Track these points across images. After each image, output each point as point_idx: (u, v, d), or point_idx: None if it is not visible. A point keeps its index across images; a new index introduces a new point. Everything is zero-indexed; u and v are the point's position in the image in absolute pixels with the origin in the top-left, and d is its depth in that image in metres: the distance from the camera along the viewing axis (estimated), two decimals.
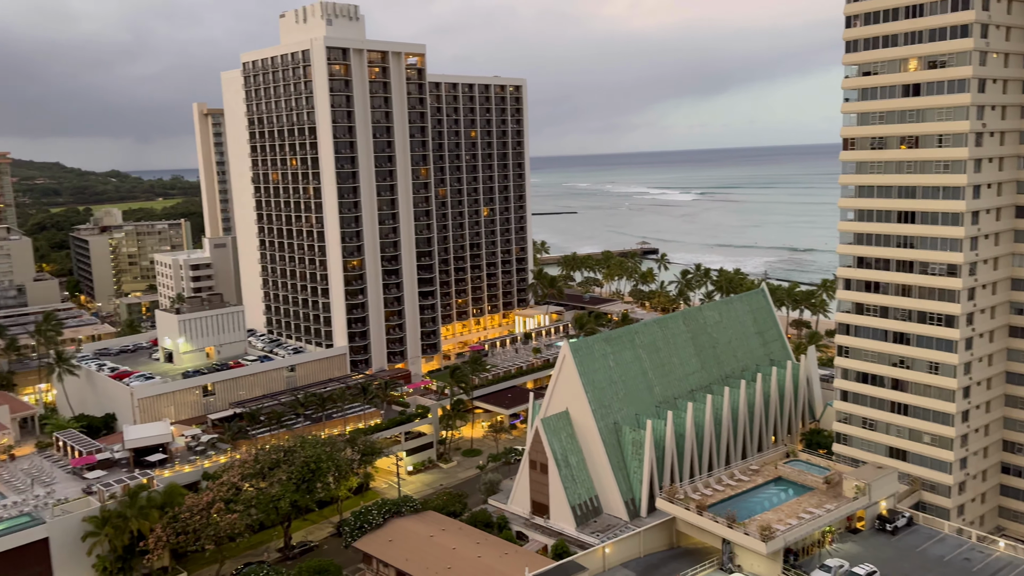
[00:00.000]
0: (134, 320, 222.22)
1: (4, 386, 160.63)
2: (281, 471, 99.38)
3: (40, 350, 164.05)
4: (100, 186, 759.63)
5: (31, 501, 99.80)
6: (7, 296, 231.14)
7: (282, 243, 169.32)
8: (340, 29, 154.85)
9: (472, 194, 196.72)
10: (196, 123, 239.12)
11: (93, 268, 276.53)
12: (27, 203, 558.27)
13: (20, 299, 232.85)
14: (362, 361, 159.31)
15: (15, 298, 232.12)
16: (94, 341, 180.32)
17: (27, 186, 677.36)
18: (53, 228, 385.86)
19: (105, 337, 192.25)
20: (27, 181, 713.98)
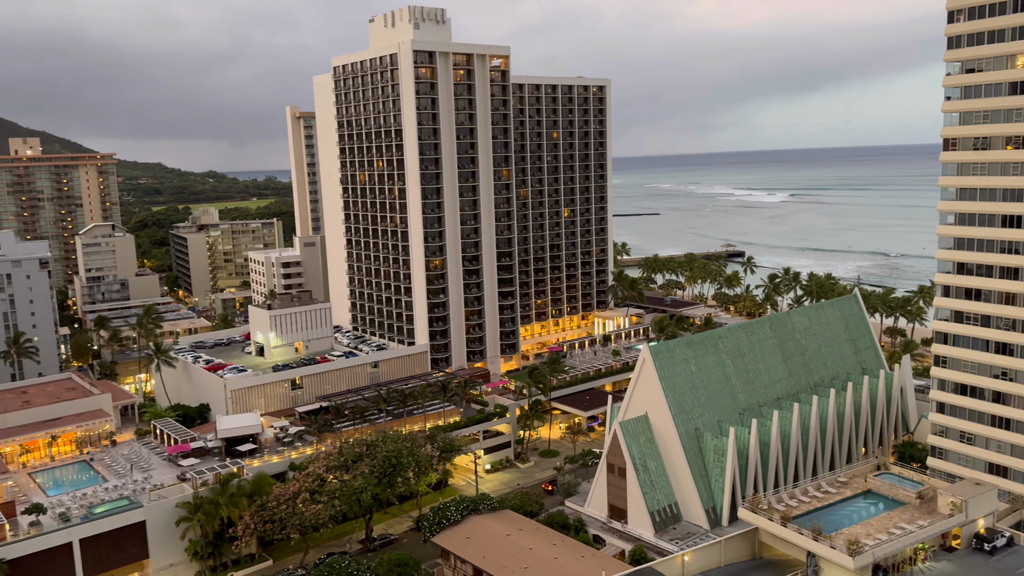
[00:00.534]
0: (228, 315, 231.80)
1: (107, 376, 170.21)
2: (364, 464, 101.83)
3: (141, 342, 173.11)
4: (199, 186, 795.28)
5: (130, 485, 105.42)
6: (111, 290, 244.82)
7: (368, 242, 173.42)
8: (427, 33, 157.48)
9: (553, 195, 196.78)
10: (289, 126, 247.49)
11: (191, 264, 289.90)
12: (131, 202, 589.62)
13: (123, 293, 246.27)
14: (442, 359, 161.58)
15: (118, 292, 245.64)
16: (191, 334, 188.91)
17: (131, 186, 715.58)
18: (154, 226, 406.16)
19: (201, 331, 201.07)
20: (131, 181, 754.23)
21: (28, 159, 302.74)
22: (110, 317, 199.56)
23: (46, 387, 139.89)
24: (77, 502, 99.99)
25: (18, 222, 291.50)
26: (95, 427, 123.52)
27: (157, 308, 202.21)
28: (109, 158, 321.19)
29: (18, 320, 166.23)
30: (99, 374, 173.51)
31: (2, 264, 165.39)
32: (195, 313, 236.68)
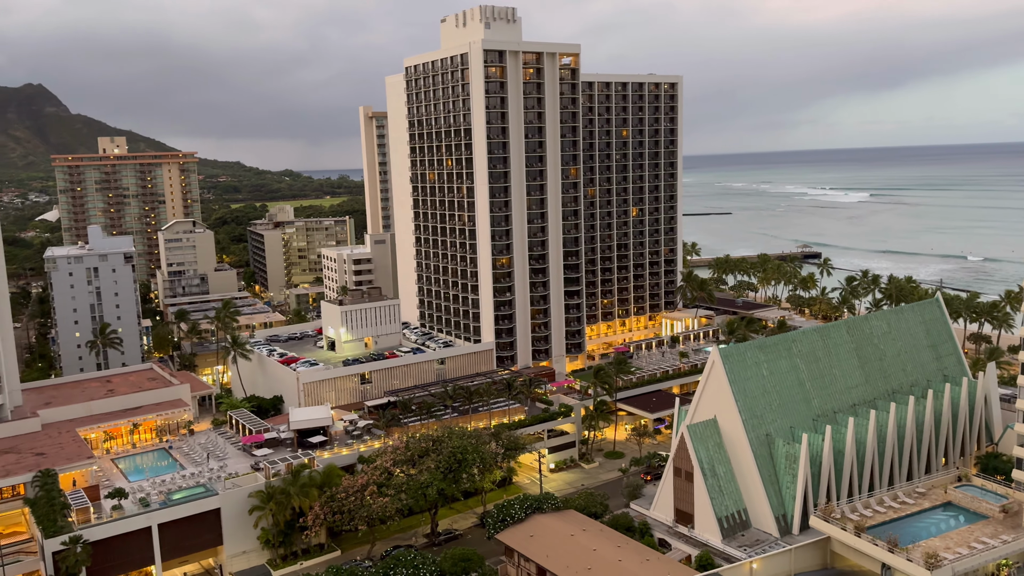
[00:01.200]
0: (302, 310, 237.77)
1: (187, 367, 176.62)
2: (430, 459, 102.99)
3: (218, 335, 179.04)
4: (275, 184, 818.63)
5: (206, 473, 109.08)
6: (191, 284, 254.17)
7: (436, 240, 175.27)
8: (498, 32, 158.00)
9: (621, 194, 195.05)
10: (362, 125, 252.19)
11: (267, 260, 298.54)
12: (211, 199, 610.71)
13: (203, 287, 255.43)
14: (508, 357, 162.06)
15: (198, 286, 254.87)
16: (266, 328, 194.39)
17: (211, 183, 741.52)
18: (233, 223, 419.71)
19: (276, 325, 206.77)
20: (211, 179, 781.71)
21: (115, 157, 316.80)
22: (190, 310, 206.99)
23: (129, 377, 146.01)
24: (156, 488, 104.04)
25: (105, 218, 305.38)
26: (174, 416, 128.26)
27: (234, 302, 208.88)
28: (191, 157, 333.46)
29: (104, 312, 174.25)
30: (179, 365, 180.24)
31: (89, 258, 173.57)
32: (270, 308, 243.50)
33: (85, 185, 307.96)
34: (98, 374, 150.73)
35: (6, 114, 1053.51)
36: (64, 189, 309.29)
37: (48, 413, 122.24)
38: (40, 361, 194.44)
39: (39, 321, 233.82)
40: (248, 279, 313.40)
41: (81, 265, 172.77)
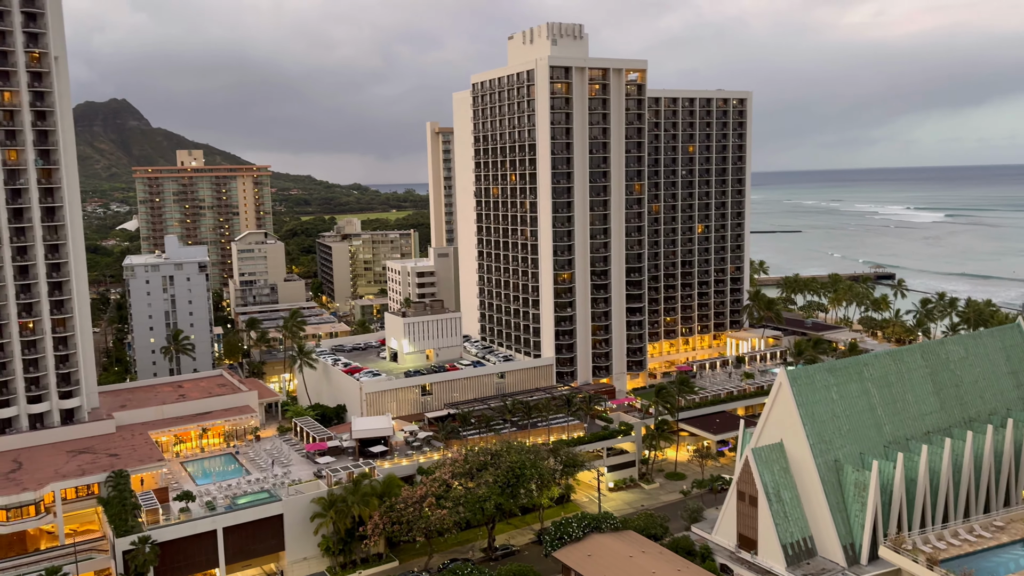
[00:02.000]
0: (366, 321, 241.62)
1: (255, 374, 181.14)
2: (488, 473, 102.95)
3: (286, 343, 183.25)
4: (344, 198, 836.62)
5: (270, 479, 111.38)
6: (262, 294, 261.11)
7: (498, 255, 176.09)
8: (564, 48, 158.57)
9: (687, 210, 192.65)
10: (428, 141, 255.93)
11: (334, 272, 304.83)
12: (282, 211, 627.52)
13: (272, 297, 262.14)
14: (568, 373, 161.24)
15: (268, 296, 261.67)
16: (331, 338, 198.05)
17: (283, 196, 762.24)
18: (302, 234, 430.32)
19: (341, 335, 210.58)
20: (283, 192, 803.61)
21: (192, 170, 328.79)
22: (260, 319, 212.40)
23: (200, 382, 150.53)
24: (223, 492, 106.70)
25: (181, 228, 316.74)
26: (242, 422, 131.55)
27: (302, 312, 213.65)
28: (264, 170, 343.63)
29: (178, 319, 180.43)
30: (247, 372, 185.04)
31: (166, 267, 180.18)
32: (336, 318, 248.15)
33: (163, 196, 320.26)
34: (170, 379, 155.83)
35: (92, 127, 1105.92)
36: (144, 200, 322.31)
37: (123, 416, 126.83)
38: (116, 365, 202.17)
39: (117, 326, 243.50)
40: (316, 290, 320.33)
41: (158, 273, 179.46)
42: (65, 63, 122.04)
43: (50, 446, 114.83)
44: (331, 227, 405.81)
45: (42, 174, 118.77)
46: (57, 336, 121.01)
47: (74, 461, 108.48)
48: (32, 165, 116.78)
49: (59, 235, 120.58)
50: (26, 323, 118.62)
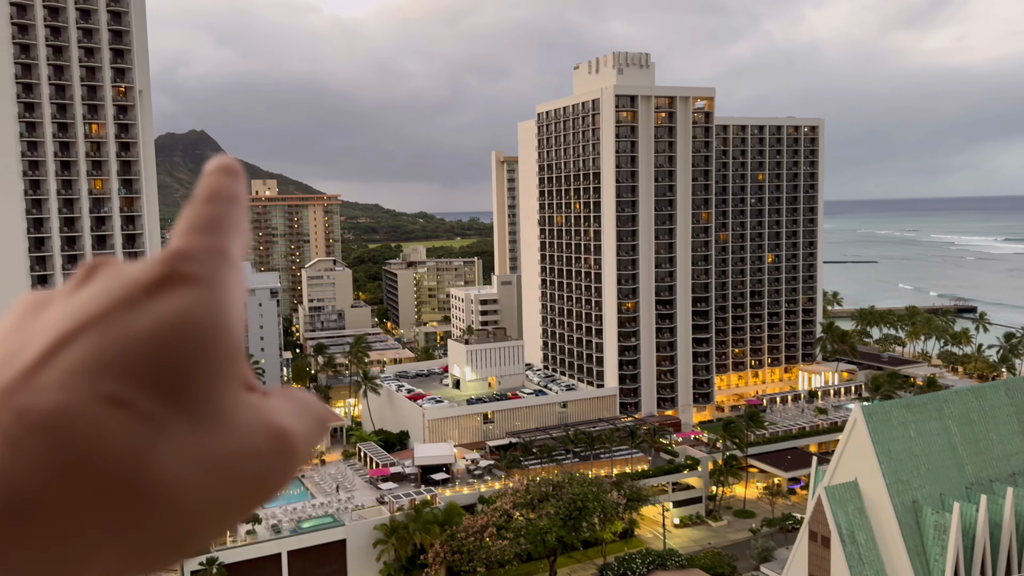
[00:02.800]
0: (429, 347, 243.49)
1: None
2: (549, 504, 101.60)
3: (352, 368, 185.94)
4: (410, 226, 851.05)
5: (334, 504, 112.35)
6: (330, 319, 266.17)
7: (562, 283, 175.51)
8: (630, 77, 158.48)
9: (756, 239, 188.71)
10: (493, 169, 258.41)
11: (399, 298, 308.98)
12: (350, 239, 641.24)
13: (339, 322, 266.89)
14: (631, 404, 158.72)
15: (336, 321, 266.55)
16: (395, 364, 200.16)
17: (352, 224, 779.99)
18: (369, 261, 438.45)
19: (405, 361, 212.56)
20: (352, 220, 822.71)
21: (266, 199, 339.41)
22: (327, 344, 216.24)
23: None
24: (288, 515, 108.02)
25: (255, 255, 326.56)
26: None
27: (367, 338, 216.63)
28: (334, 199, 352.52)
29: (249, 343, 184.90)
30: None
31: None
32: (400, 344, 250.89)
33: None
34: None
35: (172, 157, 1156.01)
36: None
37: None
38: None
39: None
40: (381, 316, 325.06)
41: None
42: (148, 96, 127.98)
43: None
44: (397, 255, 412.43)
45: (124, 203, 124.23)
46: None
47: None
48: (115, 194, 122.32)
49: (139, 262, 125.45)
50: None
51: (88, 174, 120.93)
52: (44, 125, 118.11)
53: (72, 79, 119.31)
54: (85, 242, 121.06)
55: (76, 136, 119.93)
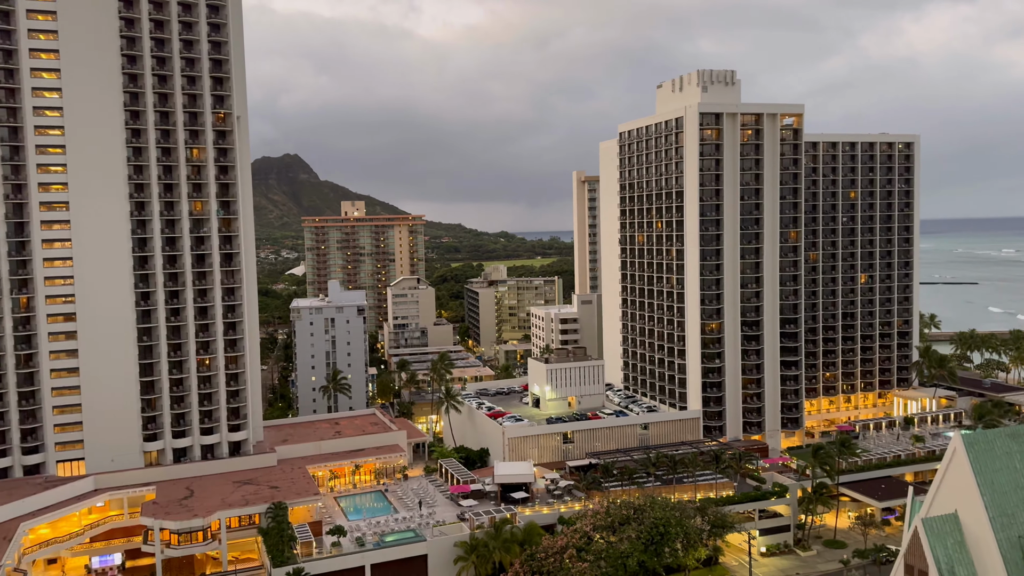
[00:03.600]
0: (509, 366, 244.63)
1: (404, 414, 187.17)
2: (631, 528, 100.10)
3: (434, 385, 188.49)
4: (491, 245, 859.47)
5: (416, 519, 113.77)
6: (413, 337, 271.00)
7: (643, 302, 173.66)
8: (715, 95, 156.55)
9: (848, 259, 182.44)
10: (575, 189, 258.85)
11: (480, 317, 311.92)
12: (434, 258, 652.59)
13: (422, 340, 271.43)
14: (716, 428, 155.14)
15: (419, 339, 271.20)
16: (476, 381, 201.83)
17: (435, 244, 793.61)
18: (452, 280, 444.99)
19: (485, 379, 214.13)
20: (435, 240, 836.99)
21: (355, 220, 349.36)
22: (410, 361, 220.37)
23: (354, 420, 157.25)
24: (372, 529, 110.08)
25: (343, 273, 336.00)
26: (391, 461, 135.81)
27: (449, 355, 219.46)
28: (419, 219, 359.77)
29: (337, 359, 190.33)
30: (397, 412, 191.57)
31: (328, 310, 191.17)
32: (481, 362, 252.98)
33: (328, 244, 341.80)
34: (328, 416, 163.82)
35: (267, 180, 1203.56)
36: (310, 247, 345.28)
37: (284, 450, 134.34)
38: (280, 401, 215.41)
39: (282, 365, 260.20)
40: (463, 334, 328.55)
41: (320, 316, 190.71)
42: (246, 122, 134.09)
43: (218, 476, 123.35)
44: (478, 273, 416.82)
45: (222, 223, 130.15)
46: (229, 373, 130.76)
47: (239, 491, 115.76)
48: (214, 215, 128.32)
49: (235, 279, 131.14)
50: (203, 360, 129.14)
51: (189, 196, 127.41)
52: (149, 150, 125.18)
53: (175, 106, 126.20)
54: (185, 261, 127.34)
55: (178, 160, 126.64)
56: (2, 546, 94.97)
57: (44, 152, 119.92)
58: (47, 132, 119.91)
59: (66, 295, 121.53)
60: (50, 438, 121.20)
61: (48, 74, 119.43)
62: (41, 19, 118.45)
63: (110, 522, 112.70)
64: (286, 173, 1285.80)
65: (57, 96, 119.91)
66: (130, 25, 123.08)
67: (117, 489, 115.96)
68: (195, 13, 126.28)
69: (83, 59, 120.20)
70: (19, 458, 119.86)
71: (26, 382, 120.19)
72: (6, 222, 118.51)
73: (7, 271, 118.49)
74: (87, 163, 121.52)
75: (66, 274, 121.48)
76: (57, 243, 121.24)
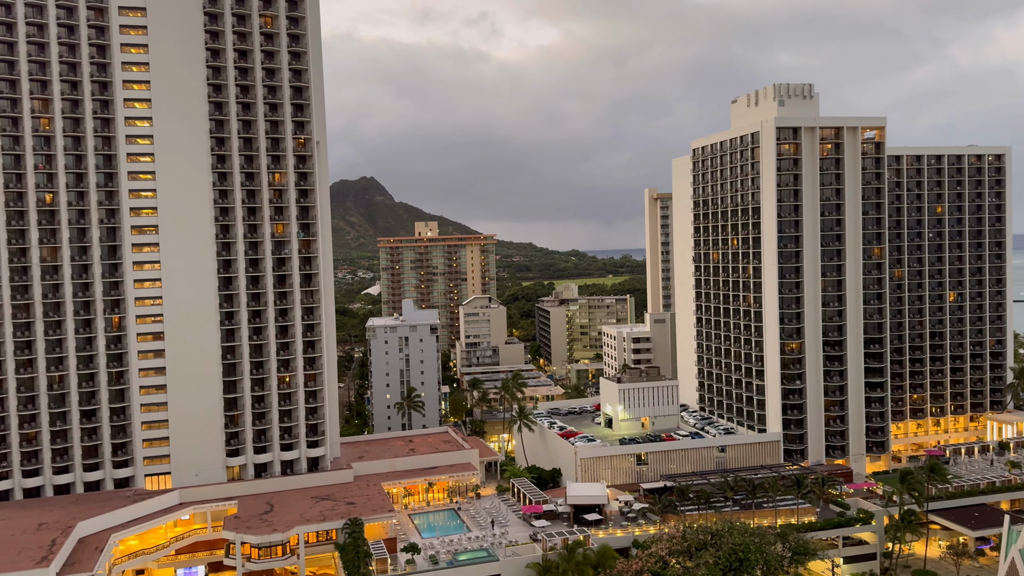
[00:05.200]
0: (581, 385, 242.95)
1: (476, 432, 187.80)
2: (708, 554, 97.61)
3: (505, 404, 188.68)
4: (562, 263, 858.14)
5: (489, 538, 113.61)
6: (484, 355, 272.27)
7: (718, 321, 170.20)
8: (792, 109, 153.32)
9: (935, 276, 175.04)
10: (647, 206, 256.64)
11: (552, 335, 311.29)
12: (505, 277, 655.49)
13: (494, 358, 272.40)
14: (797, 451, 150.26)
15: (490, 357, 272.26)
16: (547, 400, 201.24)
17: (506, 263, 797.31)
18: (523, 299, 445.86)
19: (557, 398, 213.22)
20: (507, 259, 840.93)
21: (428, 240, 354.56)
22: (482, 379, 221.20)
23: (428, 438, 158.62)
24: (445, 547, 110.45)
25: (416, 293, 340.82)
26: (464, 479, 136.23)
27: (521, 374, 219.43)
28: (490, 239, 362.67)
29: (410, 377, 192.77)
30: (469, 430, 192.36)
31: (402, 328, 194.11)
32: (552, 381, 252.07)
33: (402, 264, 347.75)
34: (402, 433, 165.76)
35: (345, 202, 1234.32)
36: (385, 267, 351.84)
37: (360, 466, 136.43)
38: (356, 418, 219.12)
39: (358, 382, 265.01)
40: (534, 353, 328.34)
41: (395, 334, 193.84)
42: (325, 147, 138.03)
43: (297, 491, 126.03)
44: (549, 292, 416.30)
45: (302, 245, 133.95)
46: (308, 390, 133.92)
47: (317, 507, 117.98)
48: (295, 237, 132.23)
49: (314, 299, 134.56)
50: (283, 377, 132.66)
51: (271, 219, 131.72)
52: (234, 175, 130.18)
53: (258, 133, 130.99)
54: (267, 281, 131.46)
55: (261, 184, 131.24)
56: (94, 556, 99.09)
57: (135, 178, 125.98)
58: (138, 159, 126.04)
59: (155, 315, 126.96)
60: (139, 453, 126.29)
61: (140, 104, 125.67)
62: (134, 52, 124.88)
63: (194, 535, 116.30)
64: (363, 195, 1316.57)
65: (148, 125, 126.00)
66: (215, 56, 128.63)
67: (201, 503, 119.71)
68: (276, 42, 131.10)
69: (172, 89, 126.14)
70: (110, 471, 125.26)
71: (117, 398, 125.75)
72: (101, 245, 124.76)
73: (101, 292, 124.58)
74: (175, 189, 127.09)
75: (155, 295, 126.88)
76: (147, 265, 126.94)
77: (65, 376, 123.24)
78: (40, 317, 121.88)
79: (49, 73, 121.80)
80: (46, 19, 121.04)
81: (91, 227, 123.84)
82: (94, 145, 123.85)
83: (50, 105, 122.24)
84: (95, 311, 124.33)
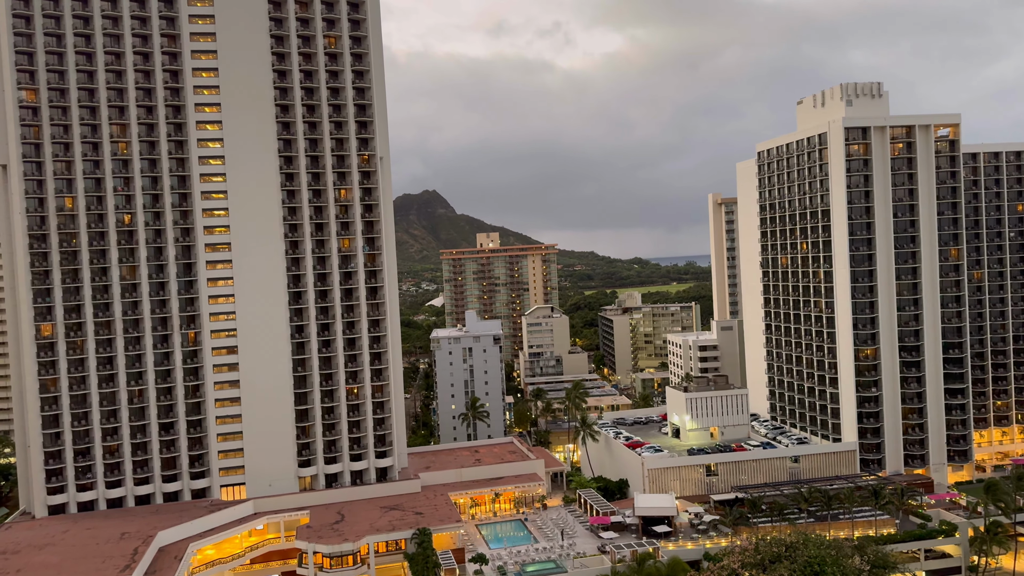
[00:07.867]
0: (647, 394, 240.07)
1: (541, 443, 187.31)
2: (782, 567, 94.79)
3: (570, 414, 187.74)
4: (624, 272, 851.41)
5: (556, 549, 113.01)
6: (548, 365, 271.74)
7: (788, 328, 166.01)
8: (861, 108, 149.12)
9: (1017, 276, 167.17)
10: (711, 212, 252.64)
11: (615, 344, 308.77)
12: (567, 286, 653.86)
13: (557, 368, 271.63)
14: (874, 461, 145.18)
15: (554, 367, 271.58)
16: (613, 410, 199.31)
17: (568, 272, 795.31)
18: (585, 308, 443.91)
19: (622, 408, 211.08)
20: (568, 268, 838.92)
21: (490, 251, 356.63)
22: (546, 389, 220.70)
23: (493, 448, 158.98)
24: (512, 558, 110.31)
25: (479, 303, 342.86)
26: (530, 490, 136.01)
27: (584, 384, 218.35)
28: (551, 249, 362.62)
29: (475, 387, 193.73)
30: (534, 440, 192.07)
31: (466, 339, 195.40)
32: (617, 390, 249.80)
33: (465, 275, 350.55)
34: (468, 444, 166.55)
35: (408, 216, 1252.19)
36: (448, 279, 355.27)
37: (427, 476, 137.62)
38: (423, 429, 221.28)
39: (424, 393, 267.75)
40: (598, 362, 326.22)
41: (459, 345, 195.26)
42: (388, 162, 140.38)
43: (366, 501, 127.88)
44: (612, 301, 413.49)
45: (367, 258, 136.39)
46: (376, 401, 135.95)
47: (386, 517, 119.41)
48: (360, 251, 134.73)
49: (380, 311, 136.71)
50: (351, 389, 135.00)
51: (337, 234, 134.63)
52: (302, 192, 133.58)
53: (324, 150, 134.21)
54: (335, 295, 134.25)
55: (327, 200, 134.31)
56: (173, 565, 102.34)
57: (208, 197, 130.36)
58: (210, 179, 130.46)
59: (228, 329, 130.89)
60: (215, 464, 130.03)
61: (211, 126, 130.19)
62: (205, 76, 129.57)
63: (268, 545, 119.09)
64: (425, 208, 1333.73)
65: (219, 146, 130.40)
66: (282, 77, 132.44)
67: (274, 513, 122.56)
68: (340, 62, 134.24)
69: (241, 111, 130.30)
70: (187, 483, 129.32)
71: (193, 411, 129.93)
72: (176, 263, 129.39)
73: (177, 308, 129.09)
74: (246, 207, 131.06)
75: (228, 310, 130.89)
76: (220, 281, 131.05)
77: (144, 390, 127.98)
78: (120, 333, 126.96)
79: (126, 99, 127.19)
80: (123, 48, 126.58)
81: (167, 246, 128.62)
82: (168, 167, 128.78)
83: (127, 129, 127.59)
84: (172, 327, 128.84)
